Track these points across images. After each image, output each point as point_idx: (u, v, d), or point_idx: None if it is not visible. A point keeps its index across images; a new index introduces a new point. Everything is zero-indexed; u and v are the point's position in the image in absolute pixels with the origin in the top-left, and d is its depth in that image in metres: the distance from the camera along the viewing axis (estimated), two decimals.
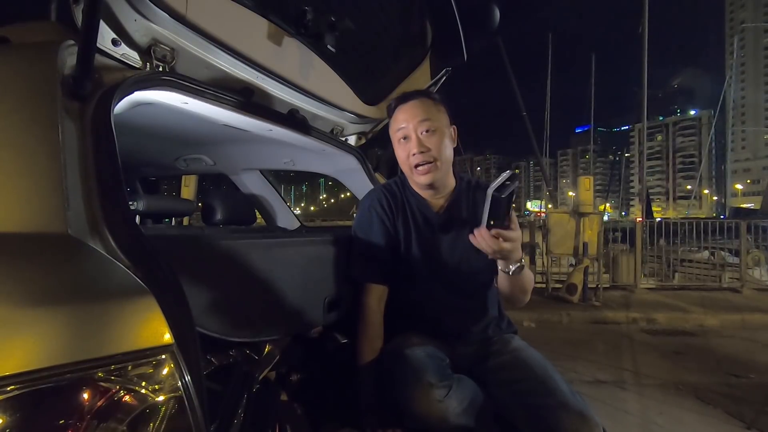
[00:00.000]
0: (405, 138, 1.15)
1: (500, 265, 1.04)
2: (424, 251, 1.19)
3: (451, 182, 1.23)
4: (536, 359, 1.09)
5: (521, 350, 1.13)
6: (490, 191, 0.90)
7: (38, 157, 0.59)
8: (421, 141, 1.13)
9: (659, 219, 8.77)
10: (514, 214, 0.97)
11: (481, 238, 0.95)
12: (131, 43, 0.86)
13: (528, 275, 1.10)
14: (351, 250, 1.22)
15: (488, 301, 1.22)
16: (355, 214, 1.35)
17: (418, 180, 1.17)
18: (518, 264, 1.03)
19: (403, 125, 1.15)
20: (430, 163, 1.14)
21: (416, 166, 1.14)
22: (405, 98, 1.18)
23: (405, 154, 1.16)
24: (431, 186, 1.18)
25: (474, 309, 1.20)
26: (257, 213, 2.12)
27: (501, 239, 0.95)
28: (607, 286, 5.97)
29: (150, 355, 0.48)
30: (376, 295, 1.17)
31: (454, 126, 1.20)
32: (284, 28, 1.13)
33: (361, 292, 1.18)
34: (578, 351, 3.74)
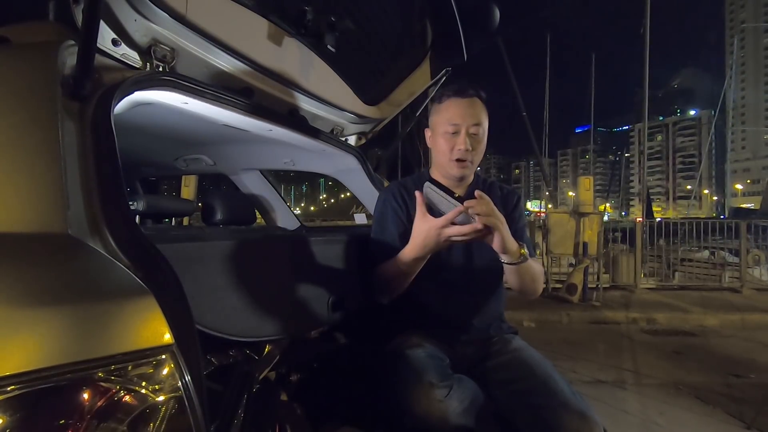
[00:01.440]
0: (455, 133, 1.17)
1: (505, 258, 1.05)
2: None
3: (471, 177, 1.28)
4: (537, 359, 1.09)
5: (521, 350, 1.13)
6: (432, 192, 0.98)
7: (38, 157, 0.59)
8: (470, 140, 1.17)
9: (659, 219, 8.77)
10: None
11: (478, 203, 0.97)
12: (131, 43, 0.86)
13: (533, 265, 1.12)
14: (369, 241, 1.27)
15: (493, 298, 1.23)
16: (355, 215, 1.37)
17: (454, 172, 1.20)
18: (521, 254, 1.04)
19: (457, 121, 1.17)
20: (470, 161, 1.19)
21: (456, 159, 1.18)
22: (462, 92, 1.19)
23: (449, 146, 1.18)
24: (461, 179, 1.23)
25: (478, 306, 1.21)
26: (257, 213, 2.12)
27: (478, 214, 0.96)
28: (607, 286, 5.97)
29: (150, 355, 0.48)
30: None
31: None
32: (284, 28, 1.13)
33: (373, 278, 1.21)
34: (578, 351, 3.74)
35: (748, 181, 73.18)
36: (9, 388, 0.40)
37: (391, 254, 1.17)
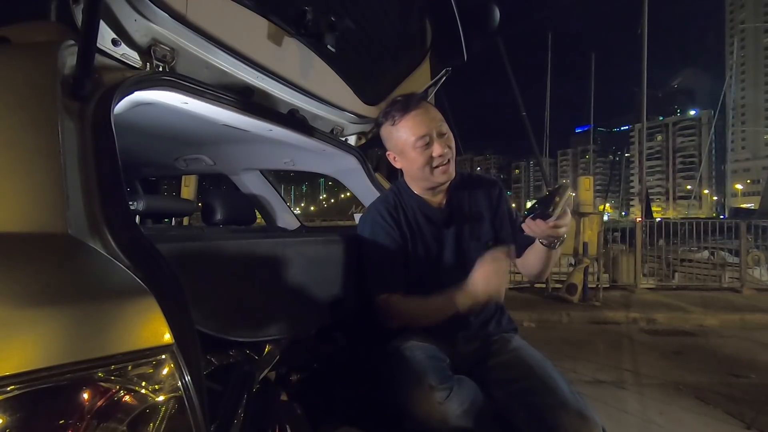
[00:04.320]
0: (427, 144, 1.16)
1: (545, 241, 1.08)
2: (430, 250, 1.21)
3: None
4: (536, 359, 1.09)
5: (521, 350, 1.13)
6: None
7: (38, 157, 0.59)
8: (444, 143, 1.16)
9: (659, 219, 8.77)
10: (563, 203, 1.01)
11: (537, 227, 1.01)
12: (131, 43, 0.86)
13: (558, 251, 1.15)
14: (364, 267, 1.22)
15: None
16: (355, 214, 1.36)
17: (439, 180, 1.19)
18: (561, 240, 1.08)
19: (425, 131, 1.15)
20: (449, 161, 1.18)
21: (437, 166, 1.17)
22: (410, 105, 1.17)
23: (425, 158, 1.16)
24: (445, 183, 1.22)
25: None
26: (257, 213, 2.12)
27: (557, 227, 1.01)
28: (607, 286, 5.96)
29: (150, 355, 0.48)
30: (397, 298, 1.17)
31: None
32: (284, 29, 1.13)
33: (379, 302, 1.17)
34: (578, 351, 3.74)
35: (748, 181, 73.16)
36: (9, 388, 0.40)
37: (390, 275, 1.17)
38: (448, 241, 1.21)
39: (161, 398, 0.48)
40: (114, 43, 0.84)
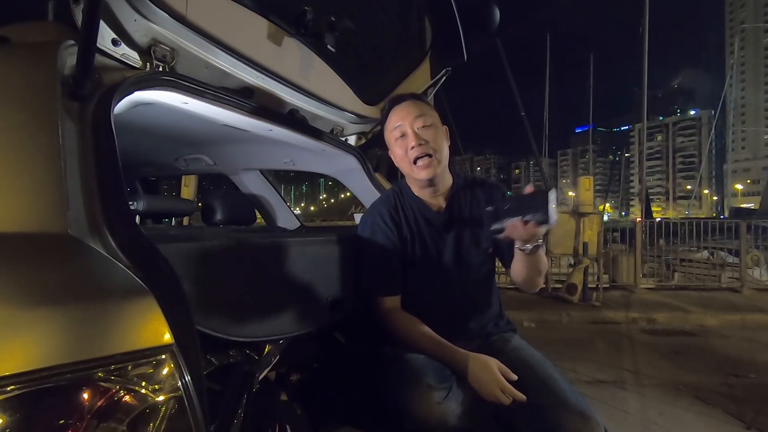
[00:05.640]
0: (402, 135, 1.16)
1: (518, 244, 1.03)
2: (430, 253, 1.21)
3: (449, 180, 1.25)
4: (536, 359, 1.09)
5: (521, 350, 1.13)
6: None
7: (38, 157, 0.59)
8: (419, 134, 1.15)
9: (659, 219, 8.77)
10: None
11: (523, 230, 0.95)
12: (131, 43, 0.86)
13: (542, 256, 1.10)
14: (361, 267, 1.22)
15: (488, 296, 1.24)
16: (355, 215, 1.36)
17: (418, 176, 1.17)
18: (537, 242, 1.02)
19: (399, 123, 1.16)
20: (430, 156, 1.15)
21: (416, 160, 1.15)
22: (398, 99, 1.20)
23: (403, 150, 1.17)
24: (431, 182, 1.19)
25: (474, 304, 1.22)
26: (257, 213, 2.12)
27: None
28: (607, 286, 5.96)
29: (150, 355, 0.48)
30: (392, 303, 1.18)
31: (446, 126, 1.22)
32: (284, 28, 1.13)
33: (377, 305, 1.18)
34: (578, 351, 3.74)
35: (748, 181, 73.12)
36: (9, 388, 0.40)
37: (387, 278, 1.18)
38: (447, 245, 1.21)
39: (161, 398, 0.48)
40: (114, 43, 0.84)
